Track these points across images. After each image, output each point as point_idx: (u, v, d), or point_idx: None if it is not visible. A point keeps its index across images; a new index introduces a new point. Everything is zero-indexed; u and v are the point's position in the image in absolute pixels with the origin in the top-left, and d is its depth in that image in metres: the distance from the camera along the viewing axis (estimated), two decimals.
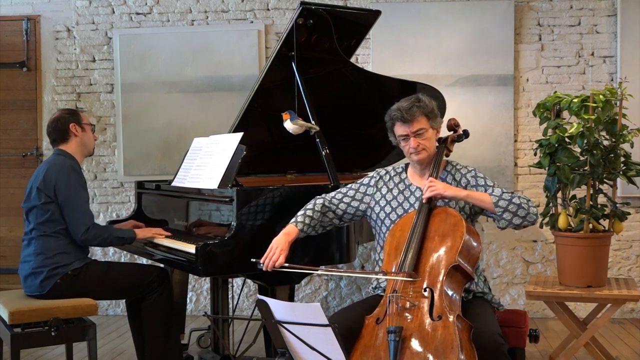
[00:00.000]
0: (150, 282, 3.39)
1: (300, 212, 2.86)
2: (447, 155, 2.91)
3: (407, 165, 2.95)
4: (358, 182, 2.97)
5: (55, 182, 3.34)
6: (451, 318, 2.32)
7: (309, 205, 2.89)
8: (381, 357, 2.31)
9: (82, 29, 5.30)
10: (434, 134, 2.82)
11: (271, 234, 3.09)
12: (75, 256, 3.37)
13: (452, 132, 2.95)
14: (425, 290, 2.44)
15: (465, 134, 2.96)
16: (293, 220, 2.84)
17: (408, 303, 2.42)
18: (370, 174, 2.97)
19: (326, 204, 2.90)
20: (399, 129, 2.79)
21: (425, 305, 2.40)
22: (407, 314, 2.39)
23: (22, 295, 3.40)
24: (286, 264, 2.68)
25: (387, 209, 2.83)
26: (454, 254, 2.50)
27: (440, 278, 2.46)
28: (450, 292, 2.47)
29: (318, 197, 2.94)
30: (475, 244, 2.59)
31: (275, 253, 2.69)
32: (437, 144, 2.87)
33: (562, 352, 3.70)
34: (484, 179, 2.80)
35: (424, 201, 2.69)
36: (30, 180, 3.48)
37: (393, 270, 2.57)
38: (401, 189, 2.86)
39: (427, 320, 2.35)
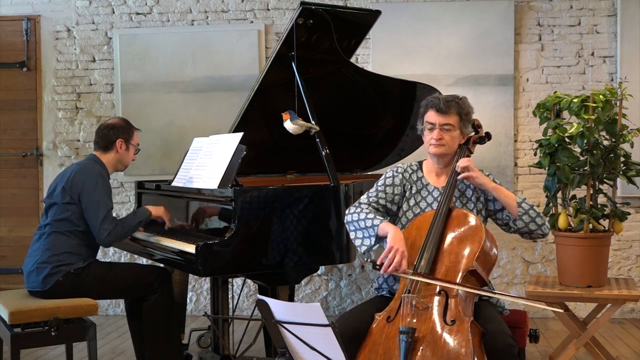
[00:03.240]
0: (151, 282, 3.39)
1: (368, 213, 2.69)
2: (468, 157, 2.84)
3: (420, 163, 2.90)
4: (380, 184, 2.82)
5: (82, 187, 3.38)
6: (465, 323, 2.31)
7: (364, 210, 2.71)
8: (391, 357, 2.30)
9: (82, 29, 5.30)
10: (460, 137, 2.78)
11: (271, 234, 3.10)
12: (80, 257, 3.39)
13: (474, 133, 2.89)
14: (439, 293, 2.42)
15: (488, 136, 2.90)
16: (372, 217, 2.66)
17: (422, 305, 2.40)
18: (390, 171, 2.86)
19: (371, 206, 2.77)
20: (431, 116, 2.74)
21: (440, 308, 2.38)
22: (420, 316, 2.37)
23: (23, 295, 3.41)
24: (409, 270, 2.48)
25: (405, 206, 2.80)
26: (471, 258, 2.48)
27: (456, 282, 2.44)
28: (464, 297, 2.44)
29: (356, 205, 2.76)
30: (493, 250, 2.58)
31: (397, 256, 2.48)
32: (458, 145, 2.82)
33: (562, 352, 3.70)
34: (500, 184, 2.80)
35: (458, 176, 2.68)
36: (57, 178, 3.54)
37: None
38: (418, 187, 2.82)
39: (440, 324, 2.33)
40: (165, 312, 3.41)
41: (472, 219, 2.59)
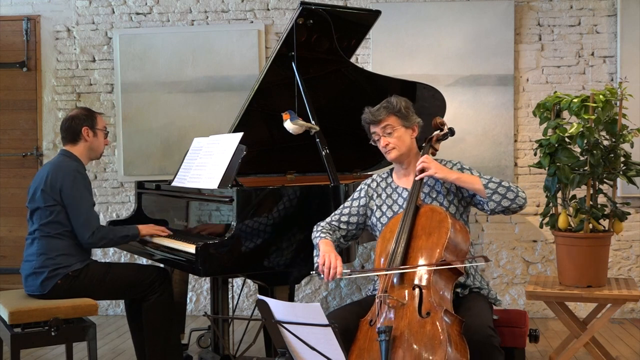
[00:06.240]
0: (151, 282, 3.39)
1: (317, 232, 2.85)
2: (433, 154, 2.91)
3: (392, 170, 2.99)
4: (349, 200, 2.99)
5: (61, 185, 3.34)
6: (439, 314, 2.34)
7: (318, 229, 2.87)
8: (375, 358, 2.32)
9: (82, 29, 5.30)
10: (408, 132, 2.85)
11: (271, 234, 3.10)
12: (76, 258, 3.37)
13: (437, 131, 2.96)
14: (414, 289, 2.46)
15: (451, 131, 2.95)
16: (317, 235, 2.82)
17: (398, 302, 2.43)
18: (359, 187, 3.00)
19: (329, 225, 2.90)
20: (371, 129, 2.88)
21: (415, 303, 2.41)
22: (397, 313, 2.41)
23: (22, 295, 3.41)
24: (347, 271, 2.63)
25: (378, 213, 2.88)
26: (440, 250, 2.52)
27: (428, 275, 2.47)
28: (439, 289, 2.48)
29: (317, 224, 2.92)
30: (461, 238, 2.61)
31: (332, 261, 2.61)
32: (418, 143, 2.90)
33: (562, 352, 3.70)
34: (469, 170, 2.84)
35: (416, 177, 2.73)
36: (34, 181, 3.48)
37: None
38: (389, 192, 2.90)
39: (417, 318, 2.36)
40: (165, 312, 3.41)
41: (438, 212, 2.64)
